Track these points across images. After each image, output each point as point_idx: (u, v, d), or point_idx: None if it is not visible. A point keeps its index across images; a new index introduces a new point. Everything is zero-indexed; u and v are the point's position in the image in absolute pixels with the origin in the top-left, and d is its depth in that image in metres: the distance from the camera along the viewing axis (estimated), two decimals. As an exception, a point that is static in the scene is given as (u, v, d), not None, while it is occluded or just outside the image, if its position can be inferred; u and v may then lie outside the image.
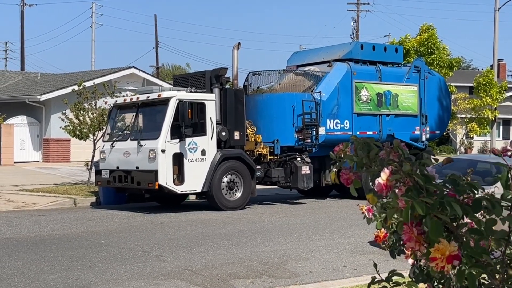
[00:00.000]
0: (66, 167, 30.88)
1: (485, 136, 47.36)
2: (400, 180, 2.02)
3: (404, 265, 3.91)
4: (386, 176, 2.04)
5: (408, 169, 2.00)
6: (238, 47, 19.03)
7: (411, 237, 2.05)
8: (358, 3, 64.59)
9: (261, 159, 19.04)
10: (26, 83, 39.75)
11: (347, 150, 2.19)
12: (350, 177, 2.21)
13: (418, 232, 2.04)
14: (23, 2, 56.84)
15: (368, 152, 2.11)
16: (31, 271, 9.55)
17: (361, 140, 2.16)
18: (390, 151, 2.07)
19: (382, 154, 2.10)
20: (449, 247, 1.97)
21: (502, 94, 40.65)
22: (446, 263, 1.97)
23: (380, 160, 2.08)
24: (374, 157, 2.10)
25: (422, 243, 2.05)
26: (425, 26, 35.56)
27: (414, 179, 2.00)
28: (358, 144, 2.14)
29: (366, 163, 2.11)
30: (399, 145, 2.08)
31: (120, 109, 19.01)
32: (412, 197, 1.97)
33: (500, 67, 51.02)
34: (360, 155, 2.12)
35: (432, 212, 1.96)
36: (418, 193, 1.99)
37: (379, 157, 2.10)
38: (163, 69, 72.99)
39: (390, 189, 2.05)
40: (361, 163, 2.13)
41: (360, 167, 2.14)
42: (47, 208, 18.20)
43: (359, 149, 2.13)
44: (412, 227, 2.04)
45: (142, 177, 16.87)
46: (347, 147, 2.20)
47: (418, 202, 1.95)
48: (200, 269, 9.67)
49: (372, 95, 20.92)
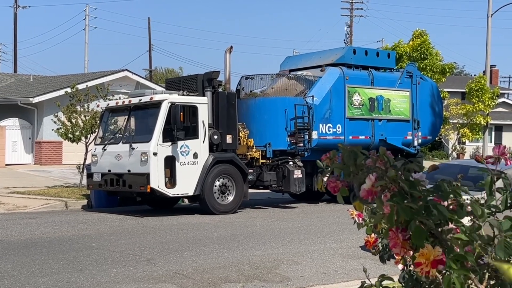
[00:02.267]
0: (58, 170, 30.79)
1: (477, 141, 47.47)
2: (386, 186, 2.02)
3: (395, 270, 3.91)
4: (371, 182, 2.04)
5: (393, 175, 2.00)
6: (231, 51, 19.04)
7: (397, 243, 2.05)
8: (352, 8, 64.72)
9: (253, 162, 19.04)
10: (19, 85, 39.63)
11: (334, 159, 2.20)
12: (337, 185, 2.22)
13: (403, 237, 2.04)
14: (16, 4, 56.73)
15: (355, 160, 2.11)
16: (22, 274, 9.51)
17: (348, 148, 2.16)
18: (377, 159, 2.08)
19: (368, 162, 2.10)
20: (433, 252, 1.97)
21: (494, 100, 40.76)
22: (431, 267, 1.97)
23: (366, 167, 2.08)
24: (360, 165, 2.10)
25: (408, 249, 2.06)
26: (418, 32, 35.68)
27: (399, 184, 2.00)
28: (345, 152, 2.15)
29: (353, 171, 2.11)
30: (385, 153, 2.08)
31: (112, 112, 18.98)
32: (397, 202, 1.98)
33: (492, 73, 51.17)
34: (347, 163, 2.13)
35: (416, 217, 1.96)
36: (403, 199, 1.99)
37: (365, 164, 2.10)
38: (156, 72, 72.92)
39: (375, 195, 2.05)
40: (347, 171, 2.13)
41: (347, 175, 2.14)
42: (38, 211, 18.14)
43: (346, 157, 2.13)
44: (398, 233, 2.04)
45: (134, 180, 16.84)
46: (335, 156, 2.21)
47: (402, 207, 1.95)
48: (191, 273, 9.65)
49: (365, 100, 20.95)
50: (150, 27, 60.21)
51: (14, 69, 56.14)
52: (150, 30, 59.92)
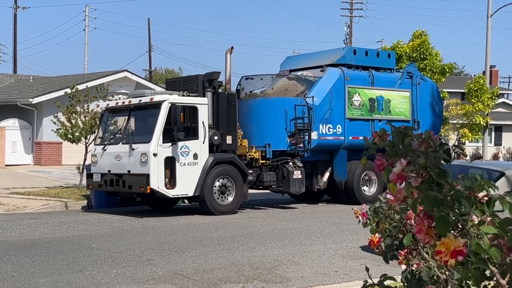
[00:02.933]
0: (57, 170, 30.78)
1: (477, 142, 47.44)
2: (416, 172, 2.02)
3: (396, 271, 3.90)
4: (401, 167, 2.04)
5: (423, 162, 1.99)
6: (231, 51, 19.02)
7: (422, 229, 2.05)
8: (352, 9, 64.71)
9: (253, 163, 19.03)
10: (18, 85, 39.62)
11: (385, 136, 2.20)
12: (383, 163, 2.22)
13: (429, 224, 2.03)
14: (16, 5, 56.69)
15: (403, 141, 2.11)
16: (21, 274, 9.49)
17: (397, 128, 2.17)
18: (423, 142, 2.07)
19: (415, 145, 2.10)
20: (454, 242, 1.96)
21: (493, 100, 40.71)
22: (450, 257, 1.96)
23: (410, 149, 2.09)
24: (408, 145, 2.10)
25: (432, 236, 2.04)
26: (417, 32, 35.61)
27: (428, 172, 2.00)
28: (394, 132, 2.15)
29: (400, 151, 2.11)
30: (430, 137, 2.08)
31: (112, 112, 18.97)
32: (422, 189, 1.97)
33: (492, 74, 51.13)
34: (396, 143, 2.12)
35: (441, 206, 1.95)
36: (430, 187, 1.98)
37: (411, 146, 2.10)
38: (156, 73, 72.93)
39: (405, 180, 2.05)
40: (395, 151, 2.13)
41: (394, 155, 2.14)
42: (38, 212, 18.12)
43: (395, 137, 2.13)
44: (424, 219, 2.04)
45: (133, 181, 16.82)
46: (385, 134, 2.21)
47: (427, 195, 1.95)
48: (191, 273, 9.64)
49: (365, 100, 20.94)
50: (149, 27, 60.30)
51: (14, 69, 56.14)
52: (150, 31, 60.03)
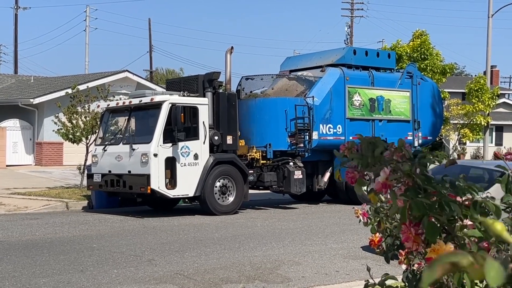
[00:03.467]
0: (58, 171, 30.79)
1: (478, 142, 47.43)
2: (400, 179, 2.02)
3: (397, 271, 3.90)
4: (385, 175, 2.03)
5: (407, 169, 1.99)
6: (231, 52, 19.02)
7: (409, 237, 2.04)
8: (352, 9, 64.71)
9: (254, 163, 19.03)
10: (19, 86, 39.63)
11: (353, 148, 2.19)
12: (354, 176, 2.21)
13: (416, 232, 2.03)
14: (17, 5, 56.71)
15: (373, 151, 2.11)
16: (23, 275, 9.50)
17: (367, 139, 2.16)
18: (395, 151, 2.07)
19: (386, 154, 2.10)
20: (445, 248, 1.96)
21: (494, 100, 40.69)
22: None
23: (384, 159, 2.08)
24: (378, 156, 2.09)
25: (420, 244, 2.04)
26: (418, 32, 35.63)
27: (413, 179, 1.99)
28: (363, 143, 2.14)
29: (371, 162, 2.11)
30: (403, 145, 2.08)
31: (113, 112, 18.98)
32: (410, 197, 1.97)
33: (493, 74, 51.09)
34: (365, 154, 2.12)
35: (429, 212, 1.95)
36: (417, 193, 1.98)
37: (383, 156, 2.09)
38: (157, 73, 72.91)
39: (389, 189, 2.04)
40: (365, 162, 2.12)
41: (365, 166, 2.13)
42: (39, 212, 18.13)
43: (364, 148, 2.12)
44: (410, 227, 2.03)
45: (134, 181, 16.83)
46: (353, 146, 2.20)
47: (415, 202, 1.94)
48: (192, 273, 9.65)
49: (365, 100, 20.94)
50: (150, 28, 60.25)
51: (15, 70, 56.15)
52: (151, 31, 59.96)
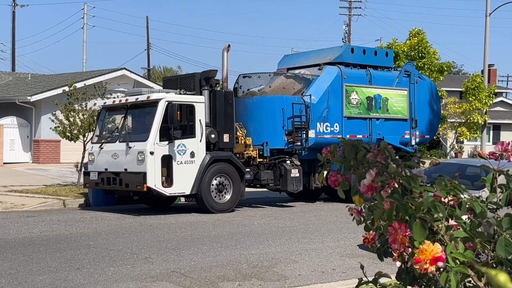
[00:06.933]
0: (56, 168, 30.76)
1: (475, 140, 47.49)
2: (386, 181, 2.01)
3: (393, 269, 3.90)
4: (371, 177, 2.02)
5: (393, 171, 1.98)
6: (228, 49, 19.00)
7: (396, 239, 2.04)
8: (350, 7, 64.75)
9: (251, 161, 19.02)
10: (17, 83, 39.59)
11: (335, 152, 2.18)
12: (338, 179, 2.20)
13: (403, 233, 2.03)
14: (15, 3, 56.63)
15: (356, 154, 2.09)
16: (19, 272, 9.49)
17: (349, 142, 2.14)
18: (377, 153, 2.06)
19: (369, 156, 2.08)
20: (432, 249, 1.96)
21: (491, 98, 40.72)
22: (430, 264, 1.96)
23: (367, 162, 2.06)
24: (361, 159, 2.08)
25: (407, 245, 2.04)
26: (414, 31, 35.66)
27: (399, 180, 1.99)
28: (346, 146, 2.13)
29: (354, 165, 2.09)
30: (386, 147, 2.07)
31: (109, 110, 18.95)
32: (396, 198, 1.96)
33: (490, 72, 51.12)
34: (348, 157, 2.10)
35: (416, 214, 1.95)
36: (403, 195, 1.97)
37: (366, 159, 2.08)
38: (155, 71, 72.83)
39: (375, 191, 2.03)
40: (348, 165, 2.11)
41: (348, 169, 2.12)
42: (36, 209, 18.12)
43: (347, 151, 2.11)
44: (397, 229, 2.03)
45: (130, 179, 16.81)
46: (336, 149, 2.18)
47: (402, 204, 1.94)
48: (188, 271, 9.64)
49: (362, 99, 20.94)
50: (148, 25, 60.30)
51: (12, 67, 56.07)
52: (149, 29, 60.01)
